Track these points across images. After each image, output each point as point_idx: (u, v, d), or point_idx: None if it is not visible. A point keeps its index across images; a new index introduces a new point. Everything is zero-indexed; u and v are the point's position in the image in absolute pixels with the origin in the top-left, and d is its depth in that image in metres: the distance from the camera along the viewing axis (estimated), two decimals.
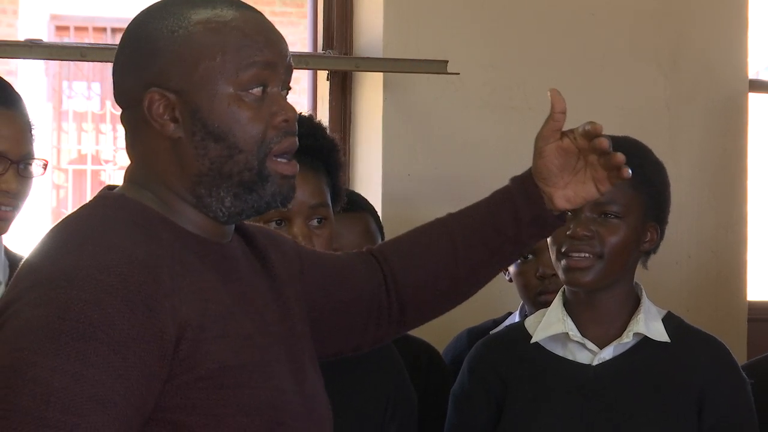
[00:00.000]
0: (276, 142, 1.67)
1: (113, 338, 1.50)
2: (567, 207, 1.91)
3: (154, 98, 1.66)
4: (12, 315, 1.54)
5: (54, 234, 1.64)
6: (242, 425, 1.58)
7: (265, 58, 1.67)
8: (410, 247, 1.95)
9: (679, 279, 3.79)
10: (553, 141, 1.89)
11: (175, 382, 1.55)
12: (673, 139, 3.79)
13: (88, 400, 1.48)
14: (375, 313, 1.92)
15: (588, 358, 2.33)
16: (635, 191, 2.30)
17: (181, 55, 1.65)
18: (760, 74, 6.34)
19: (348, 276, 1.91)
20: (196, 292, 1.60)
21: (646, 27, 3.82)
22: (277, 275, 1.79)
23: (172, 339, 1.54)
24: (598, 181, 1.89)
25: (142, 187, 1.69)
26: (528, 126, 3.79)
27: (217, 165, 1.66)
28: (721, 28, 3.91)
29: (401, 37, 3.61)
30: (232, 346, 1.60)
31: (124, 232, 1.61)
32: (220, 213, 1.68)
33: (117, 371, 1.50)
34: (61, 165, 8.16)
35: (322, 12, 3.74)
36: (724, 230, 3.90)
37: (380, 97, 3.62)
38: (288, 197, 1.71)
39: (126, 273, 1.54)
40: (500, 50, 3.70)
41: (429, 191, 3.59)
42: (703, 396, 2.30)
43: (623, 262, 2.31)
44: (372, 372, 2.33)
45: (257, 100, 1.67)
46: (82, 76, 8.36)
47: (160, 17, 1.69)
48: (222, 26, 1.67)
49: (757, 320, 3.94)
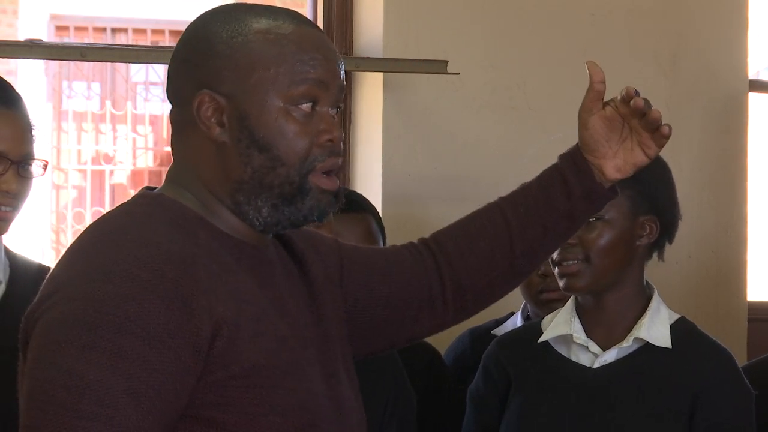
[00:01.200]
0: (320, 160, 1.69)
1: (149, 333, 1.52)
2: (618, 176, 1.90)
3: (204, 100, 1.67)
4: (48, 308, 1.56)
5: (91, 230, 1.65)
6: (275, 425, 1.59)
7: (318, 76, 1.69)
8: (464, 232, 1.94)
9: (679, 279, 3.79)
10: (596, 111, 1.89)
11: (209, 379, 1.56)
12: (673, 139, 3.75)
13: (123, 393, 1.50)
14: (427, 303, 1.91)
15: (590, 360, 2.33)
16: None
17: (237, 61, 1.67)
18: (760, 74, 6.35)
19: (393, 269, 1.91)
20: (232, 291, 1.61)
21: (646, 27, 3.83)
22: (314, 279, 1.80)
23: (208, 336, 1.55)
24: (644, 146, 1.89)
25: (182, 188, 1.70)
26: (528, 126, 3.80)
27: (258, 174, 1.67)
28: (721, 28, 3.91)
29: (401, 37, 3.61)
30: (266, 346, 1.61)
31: (161, 230, 1.62)
32: (257, 222, 1.69)
33: (152, 365, 1.51)
34: (61, 165, 8.16)
35: (322, 12, 3.74)
36: (724, 230, 3.90)
37: (380, 97, 3.62)
38: (326, 212, 1.72)
39: (163, 269, 1.55)
40: (500, 50, 3.70)
41: (429, 191, 3.59)
42: (696, 401, 2.27)
43: (615, 262, 2.30)
44: (371, 373, 2.33)
45: (305, 116, 1.68)
46: (82, 76, 8.36)
47: (222, 21, 1.70)
48: (280, 38, 1.68)
49: (757, 320, 3.94)
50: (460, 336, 2.93)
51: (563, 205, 1.91)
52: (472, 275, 1.93)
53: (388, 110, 3.61)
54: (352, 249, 1.93)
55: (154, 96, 8.49)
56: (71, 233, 8.04)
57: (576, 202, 1.90)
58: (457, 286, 1.92)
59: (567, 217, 1.91)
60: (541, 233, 1.92)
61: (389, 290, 1.89)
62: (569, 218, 1.92)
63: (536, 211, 1.91)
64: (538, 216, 1.91)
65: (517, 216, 1.92)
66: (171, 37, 8.43)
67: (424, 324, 1.93)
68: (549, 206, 1.91)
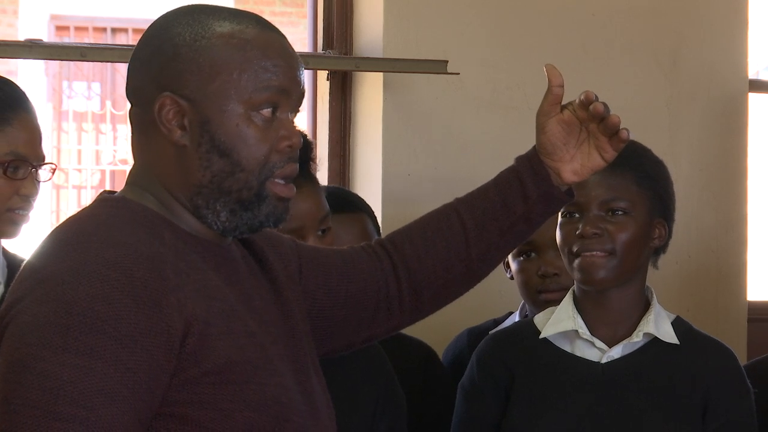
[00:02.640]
0: (279, 166, 1.70)
1: (121, 332, 1.52)
2: (575, 180, 1.91)
3: (166, 103, 1.68)
4: (18, 313, 1.56)
5: (56, 234, 1.65)
6: (250, 420, 1.60)
7: (281, 83, 1.69)
8: (420, 233, 1.95)
9: (679, 279, 3.79)
10: (554, 115, 1.91)
11: (182, 377, 1.57)
12: (673, 138, 3.79)
13: (97, 393, 1.50)
14: (384, 303, 1.93)
15: (597, 356, 2.34)
16: (639, 187, 2.31)
17: (200, 65, 1.67)
18: (760, 74, 6.35)
19: (350, 269, 1.92)
20: (201, 289, 1.62)
21: (647, 27, 3.82)
22: (276, 277, 1.81)
23: (179, 334, 1.56)
24: (602, 150, 1.90)
25: (143, 190, 1.71)
26: (528, 126, 3.77)
27: (218, 179, 1.68)
28: (721, 28, 3.91)
29: (401, 37, 3.61)
30: (237, 342, 1.62)
31: (127, 230, 1.62)
32: (215, 225, 1.70)
33: (125, 365, 1.52)
34: (61, 165, 8.16)
35: (322, 12, 3.74)
36: (724, 230, 3.90)
37: (380, 97, 3.62)
38: (281, 218, 1.73)
39: (131, 268, 1.56)
40: (500, 50, 3.70)
41: (429, 191, 3.58)
42: (707, 399, 2.31)
43: (635, 258, 2.31)
44: (360, 373, 2.33)
45: (266, 122, 1.69)
46: (82, 76, 8.36)
47: (185, 23, 1.70)
48: (244, 44, 1.68)
49: (757, 320, 3.94)
50: (458, 336, 2.93)
51: (520, 207, 1.92)
52: (428, 277, 1.94)
53: (388, 110, 3.60)
54: (310, 249, 1.94)
55: None
56: None
57: (533, 205, 1.91)
58: (413, 288, 1.93)
59: (523, 219, 1.92)
60: (497, 236, 1.93)
61: (347, 290, 1.90)
62: (526, 221, 1.93)
63: (493, 213, 1.92)
64: (494, 219, 1.92)
65: (473, 218, 1.93)
66: None
67: (380, 324, 1.94)
68: (505, 209, 1.92)
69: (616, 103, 3.29)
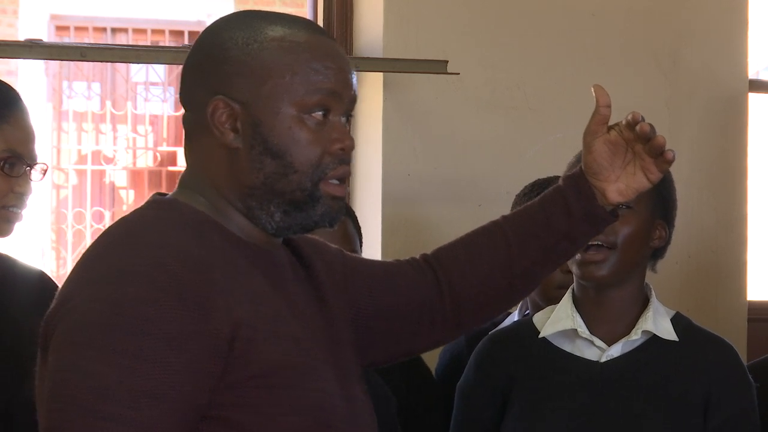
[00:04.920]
0: (331, 168, 1.71)
1: (167, 334, 1.53)
2: (620, 200, 1.92)
3: (219, 106, 1.69)
4: (67, 312, 1.57)
5: (107, 235, 1.66)
6: (293, 424, 1.60)
7: (332, 86, 1.70)
8: (465, 250, 1.95)
9: (679, 279, 3.80)
10: (601, 135, 1.91)
11: (228, 380, 1.57)
12: (672, 138, 3.76)
13: (144, 394, 1.51)
14: (427, 317, 1.93)
15: (596, 355, 2.35)
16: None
17: (252, 68, 1.69)
18: (760, 74, 6.35)
19: (395, 281, 1.92)
20: (248, 293, 1.62)
21: (646, 27, 3.83)
22: (322, 285, 1.81)
23: (226, 337, 1.56)
24: (647, 171, 1.91)
25: (195, 192, 1.72)
26: (528, 126, 3.80)
27: (270, 181, 1.69)
28: (721, 28, 3.91)
29: (401, 37, 3.61)
30: (282, 347, 1.62)
31: (177, 233, 1.63)
32: (269, 226, 1.71)
33: (171, 367, 1.53)
34: (61, 165, 8.16)
35: (322, 12, 3.74)
36: (724, 230, 3.90)
37: (380, 97, 3.62)
38: (337, 218, 1.74)
39: (179, 271, 1.56)
40: (500, 50, 3.70)
41: (429, 191, 3.59)
42: (709, 396, 2.31)
43: (635, 255, 2.32)
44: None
45: (318, 125, 1.70)
46: (82, 76, 8.35)
47: (236, 27, 1.71)
48: (295, 46, 1.70)
49: (757, 320, 3.95)
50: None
51: (563, 226, 1.92)
52: (471, 292, 1.94)
53: (388, 110, 3.61)
54: (356, 260, 1.94)
55: (154, 96, 8.49)
56: (71, 233, 8.04)
57: (576, 223, 1.92)
58: (455, 303, 1.93)
59: (567, 238, 1.93)
60: (540, 253, 1.93)
61: (391, 302, 1.90)
62: (569, 240, 1.93)
63: (536, 231, 1.93)
64: (537, 236, 1.92)
65: (517, 235, 1.93)
66: (171, 37, 8.43)
67: (422, 338, 1.95)
68: (549, 227, 1.92)
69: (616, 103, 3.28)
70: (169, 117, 8.43)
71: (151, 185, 8.27)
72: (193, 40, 8.30)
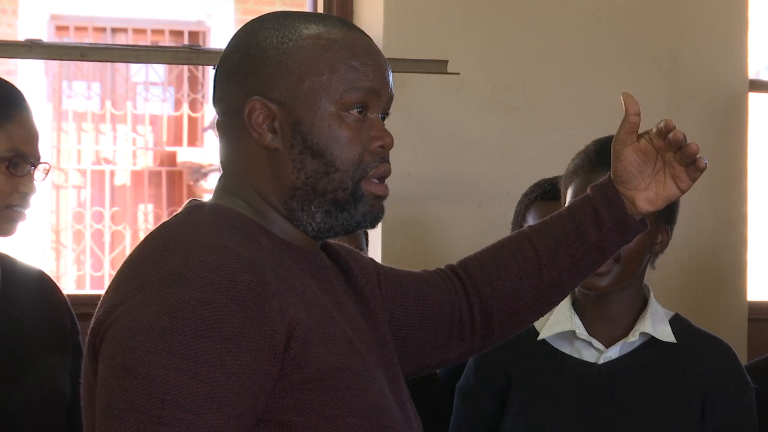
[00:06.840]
0: (372, 166, 1.69)
1: (225, 336, 1.50)
2: (650, 209, 1.90)
3: (256, 107, 1.67)
4: (118, 318, 1.54)
5: (151, 240, 1.63)
6: (353, 426, 1.58)
7: (371, 84, 1.69)
8: (493, 260, 1.94)
9: (679, 279, 3.80)
10: (631, 143, 1.88)
11: (286, 382, 1.55)
12: None
13: (204, 397, 1.48)
14: (457, 328, 1.92)
15: (594, 357, 2.35)
16: None
17: (289, 67, 1.67)
18: (760, 74, 6.35)
19: (426, 292, 1.91)
20: (300, 295, 1.61)
21: (647, 27, 3.83)
22: (362, 288, 1.80)
23: (283, 338, 1.54)
24: (677, 179, 1.89)
25: (235, 196, 1.70)
26: (528, 126, 3.80)
27: (312, 180, 1.67)
28: (721, 28, 3.91)
29: (401, 37, 3.61)
30: (337, 348, 1.60)
31: (226, 235, 1.61)
32: (310, 227, 1.69)
33: (230, 369, 1.50)
34: (61, 165, 8.16)
35: (322, 12, 3.74)
36: (724, 230, 3.90)
37: None
38: (378, 218, 1.73)
39: (234, 272, 1.54)
40: (500, 50, 3.70)
41: (429, 191, 3.59)
42: (706, 397, 2.31)
43: (638, 266, 2.32)
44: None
45: (357, 122, 1.68)
46: (82, 76, 8.35)
47: (271, 27, 1.69)
48: (331, 44, 1.68)
49: (757, 320, 3.95)
50: None
51: (593, 236, 1.91)
52: (500, 303, 1.93)
53: None
54: (387, 269, 1.93)
55: (154, 96, 8.49)
56: (71, 233, 8.04)
57: (606, 233, 1.90)
58: (484, 313, 1.93)
59: (597, 248, 1.91)
60: (570, 263, 1.92)
61: (423, 311, 1.89)
62: (599, 249, 1.92)
63: (566, 241, 1.91)
64: (567, 246, 1.91)
65: (546, 245, 1.92)
66: (171, 37, 8.43)
67: (453, 349, 1.94)
68: (579, 237, 1.91)
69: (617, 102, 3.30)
70: (169, 117, 8.43)
71: (151, 185, 8.27)
72: (193, 40, 8.27)
